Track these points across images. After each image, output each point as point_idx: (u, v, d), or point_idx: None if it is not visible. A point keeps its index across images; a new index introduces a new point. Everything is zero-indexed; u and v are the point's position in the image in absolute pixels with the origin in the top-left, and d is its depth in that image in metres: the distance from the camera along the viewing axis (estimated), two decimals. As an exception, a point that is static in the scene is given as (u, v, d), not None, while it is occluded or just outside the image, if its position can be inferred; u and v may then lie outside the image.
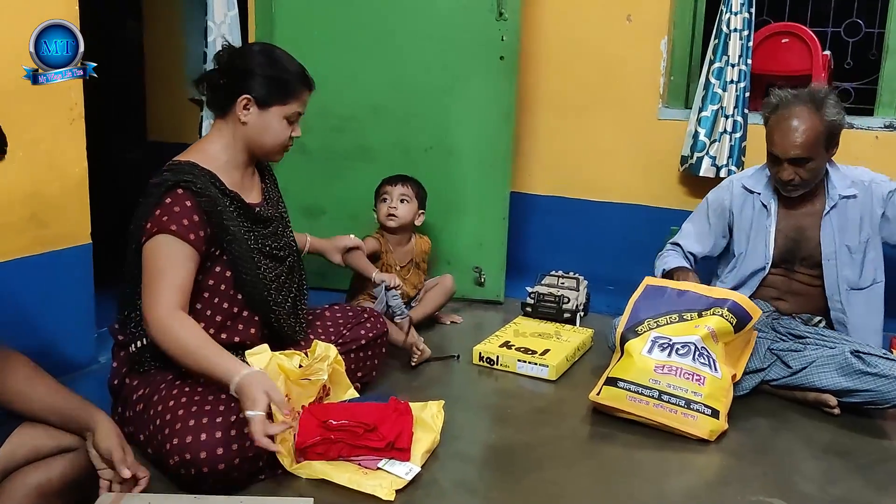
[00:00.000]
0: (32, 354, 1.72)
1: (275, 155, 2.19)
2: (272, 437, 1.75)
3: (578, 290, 3.20)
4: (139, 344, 2.03)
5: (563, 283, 3.25)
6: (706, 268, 2.86)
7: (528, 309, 3.14)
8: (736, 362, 2.41)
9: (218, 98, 2.12)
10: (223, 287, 2.06)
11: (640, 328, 2.39)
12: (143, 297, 1.94)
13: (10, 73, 2.04)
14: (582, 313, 3.17)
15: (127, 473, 1.60)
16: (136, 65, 4.17)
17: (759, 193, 2.65)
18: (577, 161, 3.57)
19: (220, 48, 2.17)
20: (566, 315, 3.09)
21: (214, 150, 2.10)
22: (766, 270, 2.63)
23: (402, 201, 3.02)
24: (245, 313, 2.10)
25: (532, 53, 3.48)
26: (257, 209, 2.15)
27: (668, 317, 2.37)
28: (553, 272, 3.31)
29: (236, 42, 2.84)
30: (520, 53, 3.22)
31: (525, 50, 3.35)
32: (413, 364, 2.67)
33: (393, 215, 3.01)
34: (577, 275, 3.30)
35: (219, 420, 1.81)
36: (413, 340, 2.67)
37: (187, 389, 1.92)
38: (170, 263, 1.93)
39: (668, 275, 2.69)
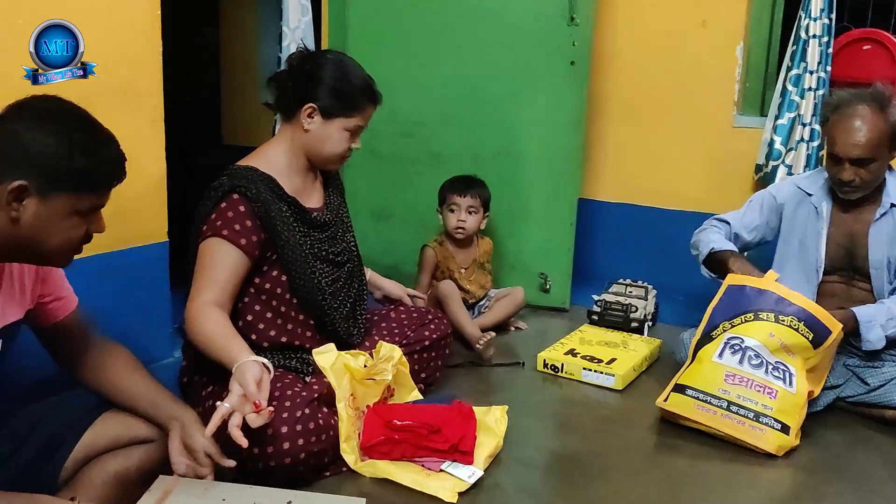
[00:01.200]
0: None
1: (331, 164, 2.21)
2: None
3: (647, 300, 3.15)
4: None
5: (630, 292, 3.20)
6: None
7: (595, 317, 3.10)
8: (818, 380, 2.32)
9: (285, 101, 2.15)
10: (279, 290, 2.09)
11: (714, 332, 2.33)
12: (190, 294, 1.99)
13: (110, 76, 2.13)
14: (650, 323, 3.12)
15: (231, 463, 1.68)
16: (213, 70, 4.28)
17: (813, 195, 2.57)
18: (647, 168, 3.52)
19: (295, 50, 2.20)
20: (634, 324, 3.04)
21: (276, 155, 2.14)
22: (819, 277, 2.53)
23: (469, 213, 3.02)
24: (301, 316, 2.13)
25: (603, 59, 3.45)
26: (315, 214, 2.18)
27: (743, 316, 2.30)
28: (621, 280, 3.27)
29: (310, 48, 2.89)
30: (591, 59, 3.20)
31: (596, 55, 3.32)
32: (479, 347, 2.74)
33: (461, 228, 3.02)
34: (645, 283, 3.25)
35: (285, 415, 1.84)
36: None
37: (256, 384, 1.95)
38: (213, 263, 1.98)
39: (717, 260, 2.58)
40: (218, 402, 1.70)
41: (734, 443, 2.19)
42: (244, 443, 1.65)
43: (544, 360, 2.72)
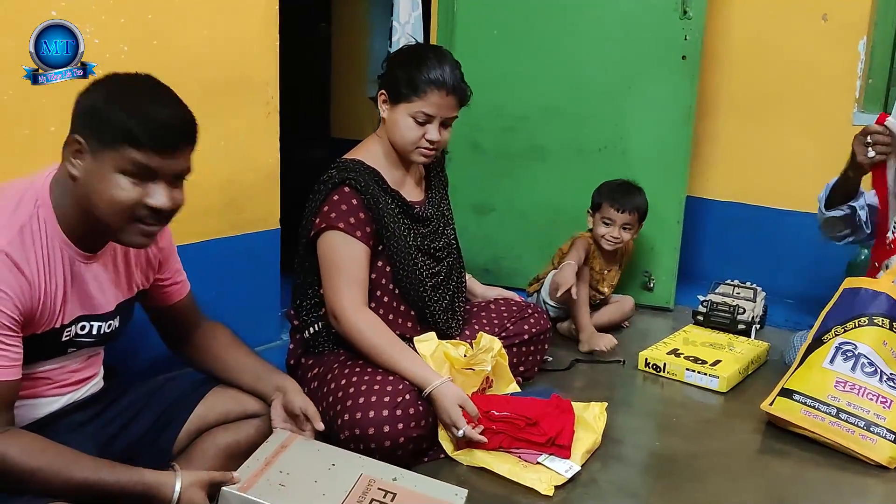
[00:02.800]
0: (223, 327, 1.87)
1: (410, 155, 2.13)
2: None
3: (755, 301, 3.05)
4: (312, 330, 2.16)
5: (738, 293, 3.10)
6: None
7: (700, 317, 3.02)
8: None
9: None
10: (384, 281, 2.14)
11: (825, 337, 2.25)
12: (326, 291, 2.07)
13: (218, 73, 2.23)
14: (758, 326, 3.02)
15: (321, 426, 1.74)
16: (324, 65, 4.40)
17: None
18: (760, 167, 3.41)
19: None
20: (741, 326, 2.95)
21: (377, 149, 2.19)
22: None
23: (624, 229, 2.96)
24: (402, 307, 2.18)
25: (716, 53, 3.37)
26: (417, 208, 2.21)
27: (857, 320, 2.21)
28: (728, 281, 3.18)
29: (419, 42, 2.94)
30: (703, 53, 3.12)
31: (708, 50, 3.25)
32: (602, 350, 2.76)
33: (611, 242, 2.97)
34: (753, 285, 3.14)
35: (387, 399, 1.89)
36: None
37: (358, 370, 2.01)
38: (345, 259, 2.05)
39: (837, 187, 2.48)
40: (458, 433, 1.93)
41: (843, 452, 2.11)
42: (484, 440, 1.95)
43: (646, 359, 2.68)
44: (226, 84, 2.26)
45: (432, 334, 2.11)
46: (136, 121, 1.38)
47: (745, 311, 2.97)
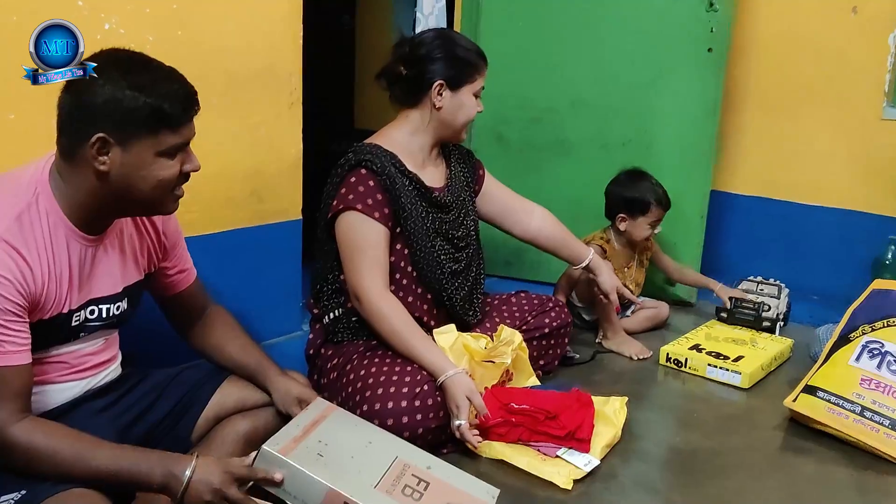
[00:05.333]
0: (244, 318, 1.88)
1: (462, 133, 2.25)
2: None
3: (779, 298, 3.01)
4: (332, 315, 2.17)
5: (762, 290, 3.07)
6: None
7: (724, 314, 2.98)
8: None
9: (407, 89, 2.20)
10: (402, 263, 2.15)
11: (852, 334, 2.22)
12: (347, 273, 2.08)
13: (242, 64, 2.24)
14: (782, 323, 2.98)
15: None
16: (348, 57, 4.41)
17: None
18: (786, 161, 3.37)
19: (397, 40, 2.24)
20: (765, 324, 2.91)
21: (399, 135, 2.20)
22: None
23: (659, 225, 2.95)
24: (419, 290, 2.18)
25: (742, 46, 3.32)
26: (436, 193, 2.22)
27: (886, 320, 2.18)
28: (752, 277, 3.15)
29: (442, 32, 2.93)
30: (729, 46, 3.09)
31: (735, 42, 3.20)
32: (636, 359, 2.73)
33: (649, 239, 2.96)
34: (777, 282, 3.11)
35: (405, 390, 1.90)
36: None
37: (377, 360, 2.02)
38: (365, 240, 2.06)
39: None
40: (454, 423, 1.92)
41: (867, 450, 2.08)
42: (480, 439, 1.96)
43: (667, 354, 2.66)
44: (249, 75, 2.27)
45: (452, 326, 2.11)
46: (163, 102, 1.42)
47: (769, 308, 2.94)
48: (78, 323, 1.53)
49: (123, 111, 1.40)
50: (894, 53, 3.10)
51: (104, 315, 1.58)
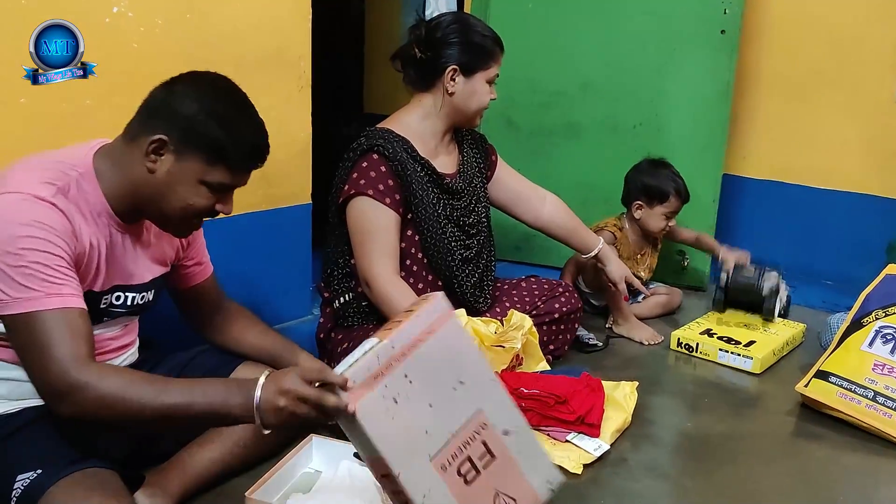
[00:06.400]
0: (255, 302, 1.89)
1: (476, 119, 2.24)
2: None
3: (779, 286, 2.88)
4: (342, 300, 2.17)
5: (761, 281, 2.82)
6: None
7: (723, 283, 2.81)
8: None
9: (421, 73, 2.18)
10: (413, 250, 2.15)
11: (865, 319, 2.20)
12: (358, 258, 2.07)
13: (252, 47, 2.22)
14: (782, 305, 2.83)
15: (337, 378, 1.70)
16: (357, 41, 4.38)
17: None
18: (799, 145, 3.34)
19: (413, 23, 2.22)
20: (765, 292, 2.74)
21: (411, 120, 2.19)
22: None
23: (675, 218, 2.92)
24: (430, 277, 2.18)
25: (756, 28, 3.28)
26: (448, 180, 2.21)
27: None
28: (749, 266, 2.90)
29: (452, 15, 2.90)
30: (742, 27, 3.05)
31: (748, 24, 3.17)
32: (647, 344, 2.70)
33: (664, 230, 2.93)
34: (775, 270, 2.86)
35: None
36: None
37: (387, 345, 2.01)
38: (376, 226, 2.05)
39: None
40: None
41: (880, 436, 2.07)
42: None
43: (678, 339, 2.65)
44: (259, 58, 2.26)
45: (461, 311, 2.10)
46: (232, 142, 1.46)
47: (771, 279, 2.77)
48: (105, 306, 1.55)
49: (196, 129, 1.44)
50: (910, 35, 3.06)
51: (129, 303, 1.59)
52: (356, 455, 1.72)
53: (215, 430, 1.70)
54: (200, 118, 1.44)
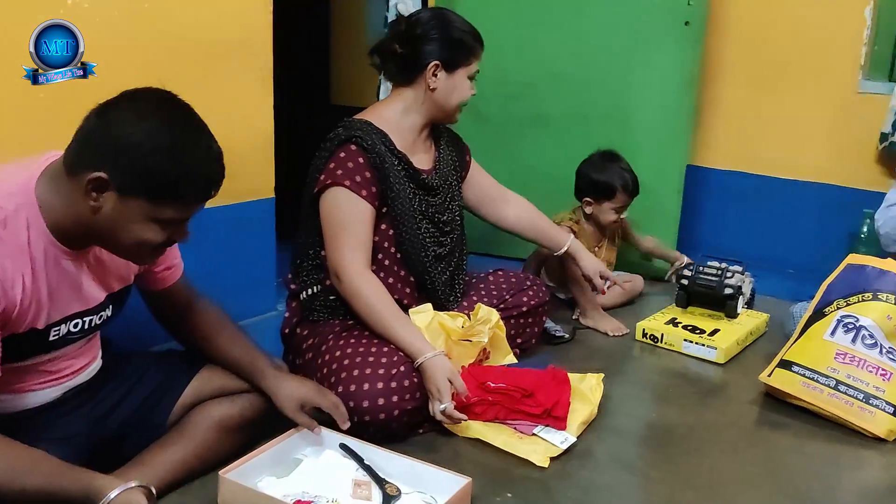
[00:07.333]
0: (218, 297, 1.85)
1: (456, 115, 2.24)
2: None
3: (743, 278, 2.89)
4: (310, 292, 2.15)
5: (727, 275, 2.78)
6: None
7: (685, 280, 2.76)
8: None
9: (401, 68, 2.17)
10: (386, 244, 2.13)
11: (827, 309, 2.23)
12: (329, 250, 2.05)
13: (211, 37, 2.19)
14: (746, 299, 2.83)
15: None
16: (322, 31, 4.33)
17: None
18: (763, 135, 3.37)
19: (394, 18, 2.21)
20: (727, 290, 2.69)
21: (390, 113, 2.17)
22: None
23: (626, 210, 2.93)
24: (402, 272, 2.16)
25: (720, 19, 3.30)
26: (424, 175, 2.19)
27: (861, 294, 2.19)
28: (711, 263, 2.85)
29: (416, 6, 2.88)
30: (707, 19, 3.06)
31: (712, 15, 3.19)
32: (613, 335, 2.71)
33: (616, 223, 2.94)
34: (742, 265, 2.85)
35: (381, 372, 1.88)
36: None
37: (353, 341, 2.00)
38: (351, 218, 2.03)
39: None
40: (440, 406, 1.86)
41: (841, 424, 2.10)
42: (465, 416, 1.90)
43: (643, 330, 2.66)
44: (219, 49, 2.22)
45: (428, 306, 2.09)
46: (182, 177, 1.34)
47: (732, 275, 2.76)
48: (56, 337, 1.48)
49: (139, 168, 1.31)
50: (870, 27, 3.09)
51: (87, 327, 1.54)
52: (342, 446, 1.74)
53: (178, 430, 1.68)
54: (142, 152, 1.30)
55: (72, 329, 1.50)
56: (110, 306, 1.58)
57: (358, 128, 2.10)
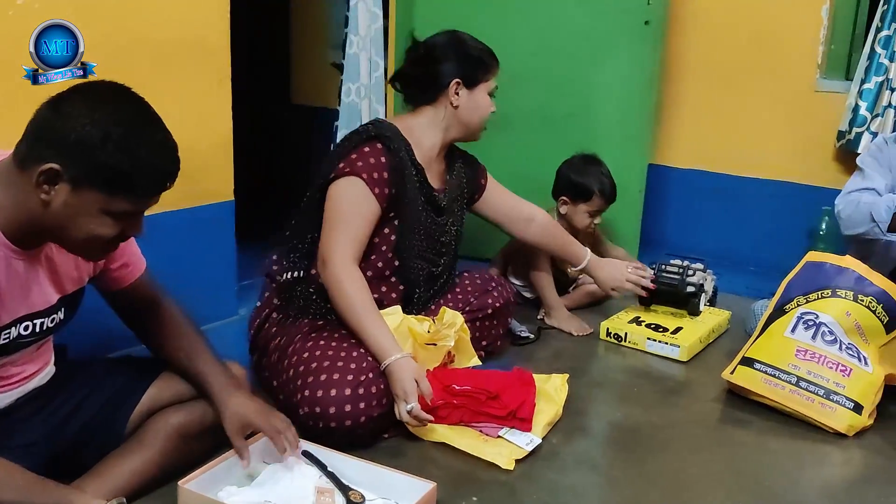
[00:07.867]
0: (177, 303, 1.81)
1: (479, 132, 2.28)
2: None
3: (705, 276, 2.90)
4: (292, 275, 2.13)
5: (689, 273, 2.77)
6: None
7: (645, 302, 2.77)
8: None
9: (424, 89, 2.22)
10: (384, 248, 2.13)
11: (787, 306, 2.25)
12: (324, 235, 2.05)
13: (168, 37, 2.14)
14: (708, 296, 2.83)
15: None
16: (283, 31, 4.29)
17: None
18: (723, 134, 3.41)
19: (410, 43, 2.27)
20: (690, 288, 2.68)
21: (415, 125, 2.22)
22: None
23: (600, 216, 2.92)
24: (393, 279, 2.16)
25: (680, 18, 3.33)
26: (435, 193, 2.23)
27: (820, 291, 2.21)
28: (673, 262, 2.83)
29: (377, 6, 2.85)
30: (667, 18, 3.08)
31: (672, 15, 3.21)
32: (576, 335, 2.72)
33: (589, 228, 2.93)
34: (703, 263, 2.84)
35: (349, 378, 1.86)
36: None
37: (322, 343, 1.97)
38: (356, 210, 2.04)
39: None
40: (406, 406, 1.85)
41: (803, 420, 2.12)
42: (431, 417, 1.88)
43: (607, 329, 2.67)
44: (176, 49, 2.18)
45: (398, 308, 2.08)
46: (136, 169, 1.32)
47: (694, 273, 2.76)
48: (7, 340, 1.44)
49: (92, 159, 1.29)
50: (826, 26, 3.14)
51: (38, 330, 1.49)
52: (305, 453, 1.72)
53: (136, 439, 1.64)
54: (96, 143, 1.29)
55: (22, 332, 1.46)
56: (62, 309, 1.54)
57: (388, 129, 2.13)
